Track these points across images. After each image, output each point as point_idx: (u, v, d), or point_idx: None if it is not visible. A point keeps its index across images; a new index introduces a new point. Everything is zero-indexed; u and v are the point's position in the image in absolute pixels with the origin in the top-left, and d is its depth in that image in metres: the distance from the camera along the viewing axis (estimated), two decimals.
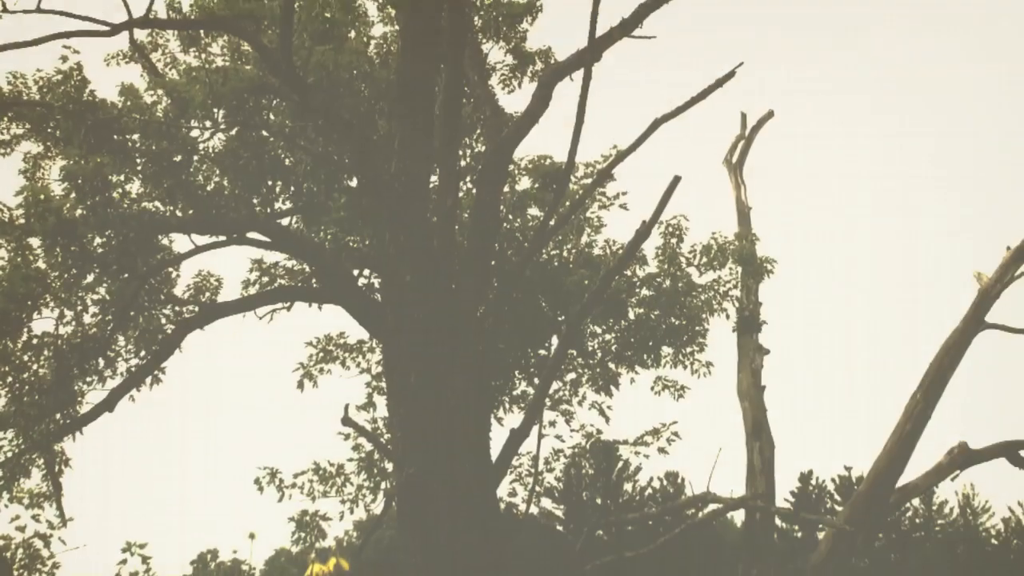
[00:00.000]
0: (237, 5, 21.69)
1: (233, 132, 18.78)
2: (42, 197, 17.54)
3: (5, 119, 19.71)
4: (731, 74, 16.89)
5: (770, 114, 30.52)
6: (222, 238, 19.29)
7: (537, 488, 22.66)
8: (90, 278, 18.45)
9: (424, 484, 15.51)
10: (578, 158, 16.95)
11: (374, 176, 17.14)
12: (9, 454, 18.31)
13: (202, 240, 19.26)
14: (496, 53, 22.99)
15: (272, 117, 19.23)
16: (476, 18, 22.71)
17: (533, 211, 21.48)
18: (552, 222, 17.10)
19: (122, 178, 18.48)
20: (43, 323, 18.66)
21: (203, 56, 23.22)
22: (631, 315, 20.77)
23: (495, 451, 16.87)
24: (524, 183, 22.00)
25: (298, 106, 18.75)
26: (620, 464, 30.55)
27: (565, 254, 21.12)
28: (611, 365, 20.94)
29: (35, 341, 18.40)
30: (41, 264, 18.13)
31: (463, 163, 20.99)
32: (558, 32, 24.07)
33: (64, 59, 18.31)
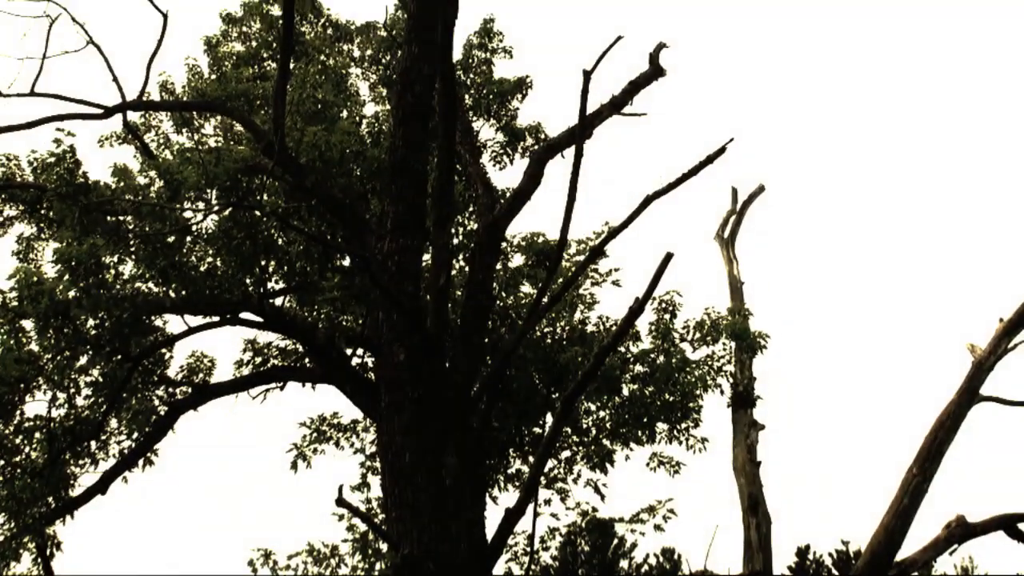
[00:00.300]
0: (230, 86, 21.88)
1: (226, 212, 18.81)
2: (35, 279, 17.53)
3: None
4: (722, 150, 16.95)
5: (761, 188, 30.64)
6: (215, 319, 19.28)
7: (533, 567, 22.50)
8: (83, 360, 18.39)
9: (419, 565, 15.38)
10: (571, 235, 16.98)
11: (367, 255, 17.18)
12: (0, 538, 18.17)
13: (195, 321, 19.25)
14: (487, 130, 23.18)
15: (265, 197, 19.27)
16: (467, 96, 22.89)
17: (526, 288, 21.51)
18: (545, 299, 17.08)
19: (115, 259, 18.48)
20: (36, 406, 18.63)
21: (196, 137, 23.36)
22: (625, 391, 20.71)
23: (490, 530, 16.76)
24: (517, 260, 22.05)
25: (291, 186, 18.83)
26: (616, 542, 30.35)
27: (559, 331, 21.11)
28: (606, 442, 20.85)
29: (27, 424, 18.34)
30: (34, 346, 18.09)
31: (456, 241, 21.05)
32: (549, 107, 24.22)
33: (58, 142, 18.37)
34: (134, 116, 22.36)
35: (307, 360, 20.90)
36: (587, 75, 15.93)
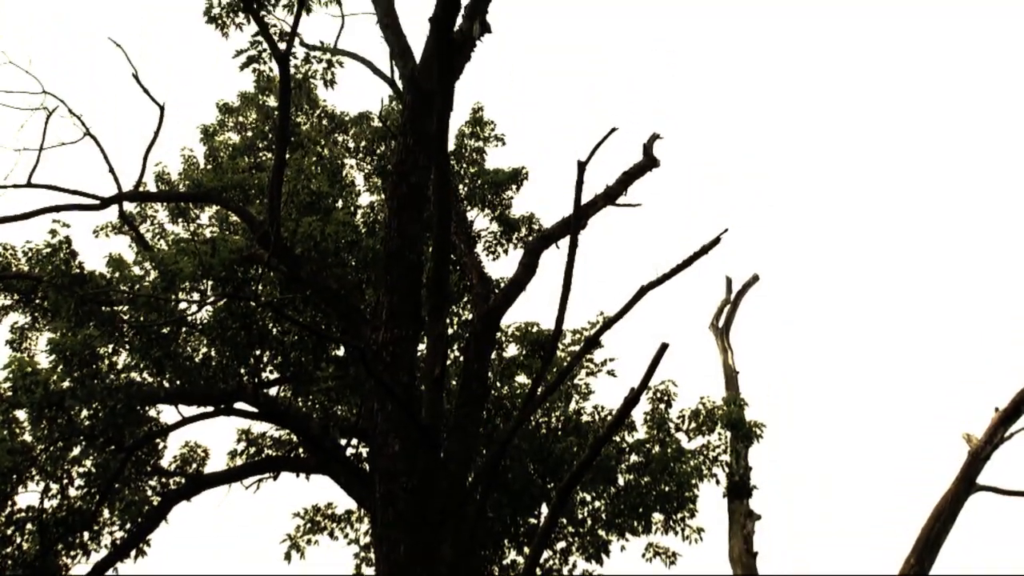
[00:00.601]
0: (226, 177, 21.99)
1: (221, 303, 18.83)
2: (29, 369, 17.52)
3: None
4: (717, 240, 16.99)
5: (755, 278, 30.74)
6: (210, 409, 19.23)
7: None
8: (76, 451, 18.34)
9: None
10: (565, 325, 16.99)
11: (362, 345, 17.16)
12: None
13: (189, 411, 19.21)
14: (481, 220, 23.27)
15: (260, 287, 19.30)
16: (461, 186, 22.99)
17: (521, 379, 21.50)
18: (540, 390, 17.04)
19: (110, 350, 18.47)
20: (28, 497, 18.56)
21: (192, 227, 23.43)
22: (621, 481, 20.64)
23: None
24: (511, 350, 22.06)
25: (286, 277, 18.85)
26: None
27: (554, 421, 21.06)
28: (601, 532, 20.73)
29: (19, 515, 18.24)
30: (27, 437, 18.04)
31: (451, 331, 21.05)
32: (544, 196, 24.33)
33: (54, 233, 18.45)
34: (130, 206, 22.47)
35: (301, 450, 20.83)
36: (581, 166, 16.01)
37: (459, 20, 16.93)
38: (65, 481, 18.46)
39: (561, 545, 21.11)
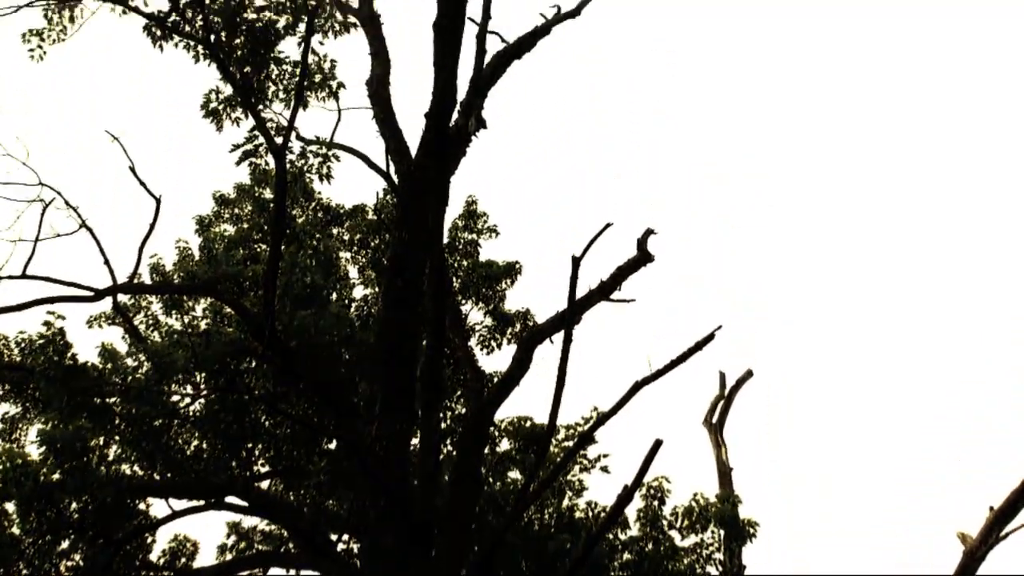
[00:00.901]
0: (220, 269, 21.99)
1: (214, 395, 18.77)
2: (19, 461, 17.40)
3: None
4: (710, 337, 17.03)
5: (749, 374, 30.67)
6: (200, 502, 19.11)
7: None
8: (65, 544, 18.17)
9: None
10: (559, 420, 16.93)
11: (355, 440, 17.09)
12: None
13: (180, 504, 19.08)
14: (475, 314, 23.28)
15: (253, 380, 19.25)
16: (455, 279, 23.03)
17: (514, 474, 21.39)
18: (533, 486, 16.95)
19: (101, 441, 18.38)
20: None
21: (186, 318, 23.38)
22: None
23: None
24: (505, 445, 21.97)
25: (280, 370, 18.81)
26: None
27: (547, 517, 20.93)
28: None
29: None
30: (16, 530, 17.87)
31: (443, 425, 20.97)
32: (538, 291, 24.36)
33: (48, 324, 18.41)
34: (124, 297, 22.44)
35: (292, 545, 20.67)
36: (576, 262, 16.03)
37: (455, 116, 17.10)
38: (53, 575, 18.27)
39: None
